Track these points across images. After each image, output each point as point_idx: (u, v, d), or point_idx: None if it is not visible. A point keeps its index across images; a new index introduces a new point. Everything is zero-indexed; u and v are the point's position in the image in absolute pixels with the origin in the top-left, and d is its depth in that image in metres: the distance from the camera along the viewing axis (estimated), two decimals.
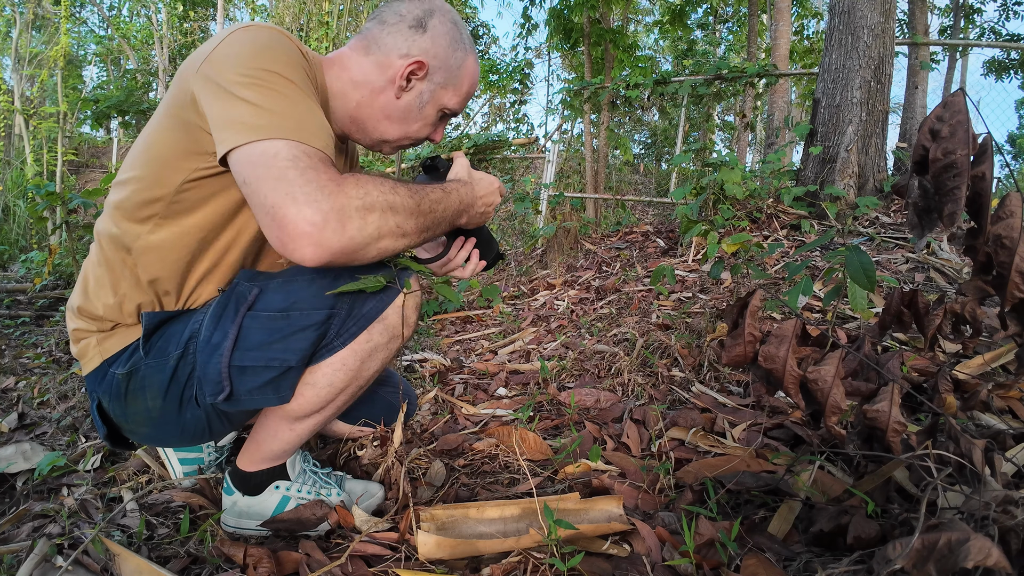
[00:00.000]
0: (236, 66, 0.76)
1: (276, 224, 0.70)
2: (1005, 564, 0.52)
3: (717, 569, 0.80)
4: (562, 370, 1.82)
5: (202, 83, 0.77)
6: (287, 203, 0.69)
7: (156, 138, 0.83)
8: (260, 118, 0.73)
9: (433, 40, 0.93)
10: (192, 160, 0.81)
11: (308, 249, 0.70)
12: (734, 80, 4.47)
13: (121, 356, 0.90)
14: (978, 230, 0.73)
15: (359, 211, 0.73)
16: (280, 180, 0.70)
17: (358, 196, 0.74)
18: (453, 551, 0.87)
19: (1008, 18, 11.11)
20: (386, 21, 0.94)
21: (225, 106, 0.74)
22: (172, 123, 0.81)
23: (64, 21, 7.00)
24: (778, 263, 2.57)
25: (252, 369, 0.85)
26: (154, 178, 0.83)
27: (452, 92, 0.98)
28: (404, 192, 0.80)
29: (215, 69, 0.76)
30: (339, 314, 0.87)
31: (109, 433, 0.97)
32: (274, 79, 0.76)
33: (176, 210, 0.85)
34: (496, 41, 20.11)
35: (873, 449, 0.81)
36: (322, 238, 0.70)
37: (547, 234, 4.05)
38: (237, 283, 0.89)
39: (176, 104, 0.81)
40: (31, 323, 3.28)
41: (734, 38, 12.70)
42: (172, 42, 13.18)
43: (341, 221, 0.71)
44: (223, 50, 0.78)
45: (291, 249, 0.71)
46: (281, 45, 0.81)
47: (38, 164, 7.77)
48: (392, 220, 0.77)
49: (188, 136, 0.80)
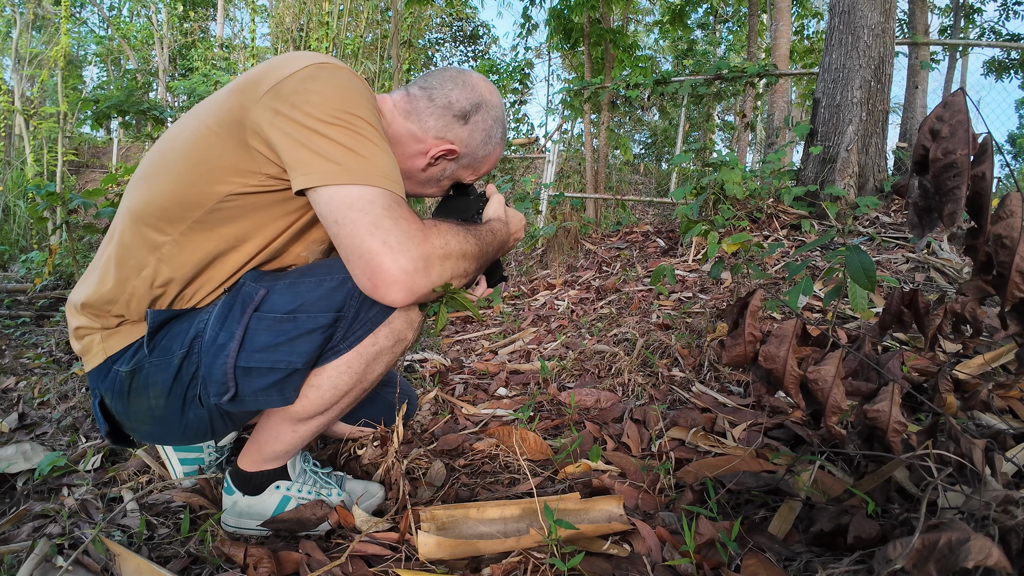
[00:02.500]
0: (321, 105, 0.79)
1: (370, 268, 0.77)
2: (1005, 564, 0.52)
3: (717, 569, 0.80)
4: (562, 370, 1.82)
5: (272, 115, 0.79)
6: (383, 250, 0.76)
7: (200, 148, 0.84)
8: (353, 162, 0.77)
9: (471, 133, 1.00)
10: (244, 177, 0.84)
11: (399, 294, 0.78)
12: (734, 80, 4.47)
13: (125, 353, 0.90)
14: (978, 230, 0.73)
15: (440, 259, 0.81)
16: (377, 227, 0.76)
17: (440, 246, 0.82)
18: (453, 551, 0.87)
19: (1008, 18, 11.12)
20: (435, 100, 0.97)
21: (310, 142, 0.77)
22: (224, 139, 0.83)
23: (64, 21, 7.00)
24: (778, 263, 2.57)
25: (257, 370, 0.85)
26: (194, 186, 0.84)
27: (471, 172, 1.07)
28: (472, 239, 0.88)
29: (291, 103, 0.79)
30: (346, 317, 0.87)
31: (110, 430, 0.97)
32: (361, 124, 0.80)
33: (215, 218, 0.86)
34: (496, 41, 20.11)
35: (873, 449, 0.81)
36: (412, 284, 0.78)
37: (547, 234, 4.05)
38: (243, 283, 0.89)
39: (232, 122, 0.82)
40: (31, 323, 3.29)
41: (734, 38, 12.70)
42: (172, 42, 13.18)
43: (427, 269, 0.79)
44: (299, 85, 0.80)
45: (382, 292, 0.78)
46: (361, 88, 0.85)
47: (38, 164, 7.77)
48: (461, 265, 0.86)
49: (245, 156, 0.82)
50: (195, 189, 0.84)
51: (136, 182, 0.91)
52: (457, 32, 15.72)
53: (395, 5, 7.39)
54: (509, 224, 1.02)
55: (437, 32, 15.31)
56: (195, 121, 0.86)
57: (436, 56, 15.67)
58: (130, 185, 0.93)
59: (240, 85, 0.84)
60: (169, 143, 0.89)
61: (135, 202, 0.88)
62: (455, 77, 0.99)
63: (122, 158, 9.81)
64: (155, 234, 0.86)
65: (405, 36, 10.03)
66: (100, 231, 2.68)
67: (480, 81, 1.00)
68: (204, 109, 0.87)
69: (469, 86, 0.98)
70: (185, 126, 0.88)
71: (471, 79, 0.99)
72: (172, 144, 0.88)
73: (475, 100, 0.98)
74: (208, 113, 0.85)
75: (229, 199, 0.85)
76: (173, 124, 0.93)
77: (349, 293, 0.86)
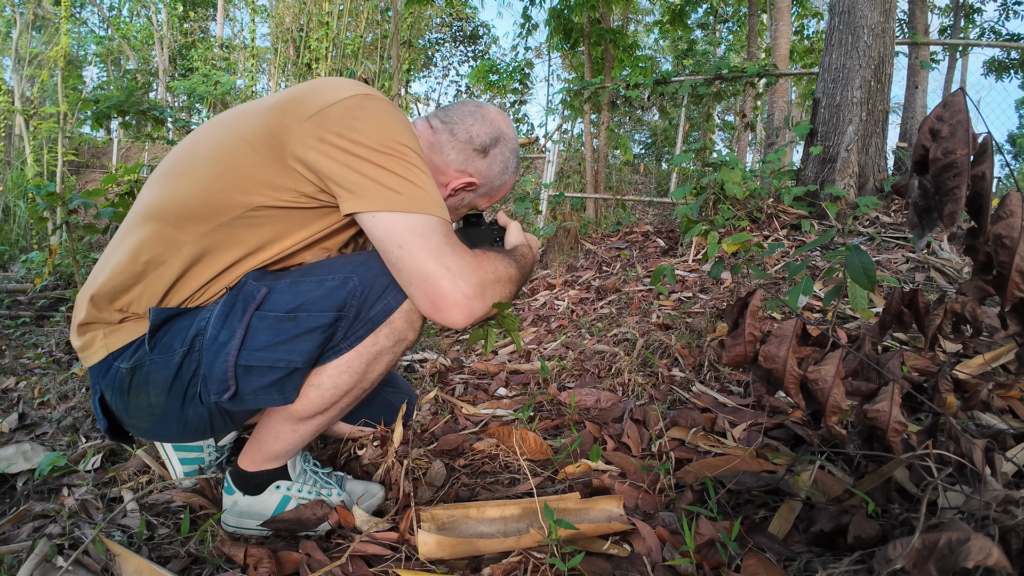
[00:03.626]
0: (372, 134, 0.83)
1: (433, 291, 0.82)
2: (1005, 564, 0.52)
3: (717, 569, 0.80)
4: (562, 370, 1.82)
5: (317, 140, 0.83)
6: (446, 275, 0.82)
7: (234, 156, 0.86)
8: (411, 190, 0.83)
9: (489, 165, 1.06)
10: (277, 191, 0.87)
11: (459, 316, 0.84)
12: (734, 80, 4.47)
13: (126, 350, 0.90)
14: (978, 230, 0.73)
15: (492, 284, 0.88)
16: (439, 253, 0.82)
17: (491, 272, 0.88)
18: (453, 551, 0.87)
19: (1008, 18, 11.12)
20: (456, 135, 1.03)
21: (364, 169, 0.82)
22: (261, 152, 0.86)
23: (64, 21, 7.00)
24: (778, 263, 2.57)
25: (258, 369, 0.86)
26: (221, 192, 0.86)
27: (487, 200, 1.13)
28: (513, 264, 0.95)
29: (338, 130, 0.83)
30: (347, 316, 0.88)
31: (110, 426, 0.98)
32: (411, 154, 0.85)
33: (240, 224, 0.88)
34: (496, 41, 20.11)
35: (873, 449, 0.81)
36: (471, 308, 0.84)
37: (547, 234, 4.06)
38: (245, 282, 0.89)
39: (271, 138, 0.85)
40: (31, 323, 3.29)
41: (734, 38, 12.70)
42: (172, 42, 13.19)
43: (483, 294, 0.85)
44: (346, 113, 0.84)
45: (444, 315, 0.84)
46: (405, 119, 0.90)
47: (38, 164, 7.77)
48: (507, 288, 0.92)
49: (281, 173, 0.85)
50: (222, 195, 0.86)
51: (158, 178, 0.92)
52: (457, 32, 15.73)
53: (395, 5, 7.40)
54: (532, 248, 1.08)
55: (437, 32, 15.32)
56: (227, 130, 0.89)
57: (436, 56, 15.68)
58: (151, 181, 0.94)
59: (282, 104, 0.87)
60: (198, 147, 0.91)
61: (157, 198, 0.90)
62: (474, 112, 1.05)
63: (122, 158, 9.80)
64: (175, 232, 0.87)
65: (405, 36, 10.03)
66: (100, 231, 2.68)
67: (497, 115, 1.07)
68: (239, 119, 0.90)
69: (488, 121, 1.05)
70: (216, 132, 0.90)
71: (489, 114, 1.06)
72: (201, 148, 0.90)
73: (494, 134, 1.05)
74: (244, 124, 0.88)
75: (258, 210, 0.87)
76: (200, 128, 0.95)
77: (350, 293, 0.87)
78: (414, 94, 12.12)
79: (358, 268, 0.88)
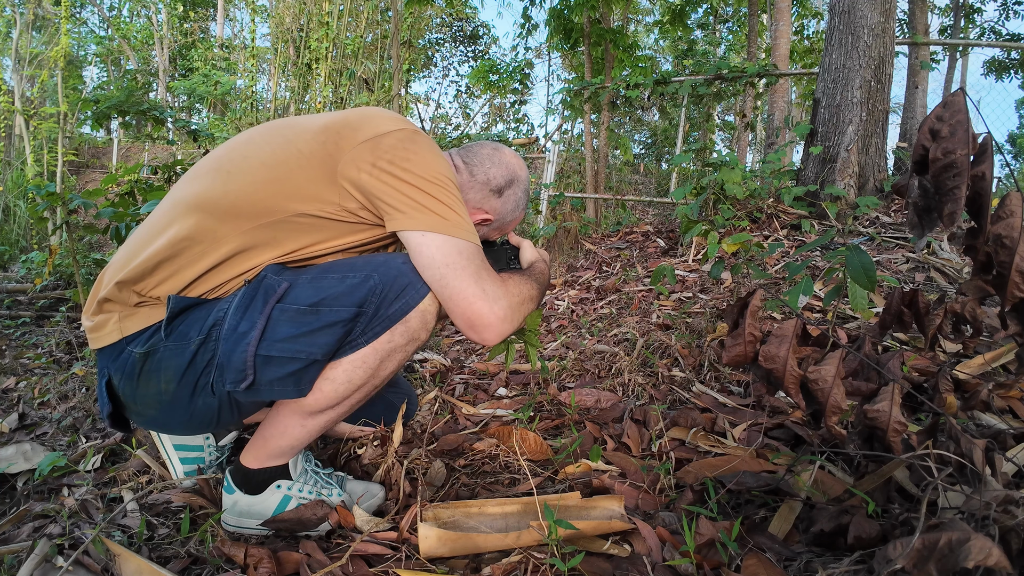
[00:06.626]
0: (423, 166, 0.92)
1: (472, 311, 0.90)
2: (1005, 564, 0.52)
3: (717, 569, 0.80)
4: (562, 370, 1.82)
5: (370, 165, 0.91)
6: (483, 297, 0.90)
7: (288, 166, 0.92)
8: (455, 218, 0.91)
9: (503, 203, 1.16)
10: (323, 204, 0.93)
11: (492, 335, 0.92)
12: (734, 80, 4.46)
13: (141, 336, 0.91)
14: (978, 230, 0.73)
15: (519, 305, 0.96)
16: (479, 277, 0.91)
17: (518, 294, 0.97)
18: (454, 546, 0.87)
19: (1008, 18, 11.12)
20: (476, 176, 1.13)
21: (414, 195, 0.90)
22: (314, 166, 0.92)
23: (64, 21, 6.99)
24: (778, 263, 2.57)
25: (278, 360, 0.87)
26: (271, 196, 0.92)
27: (497, 232, 1.22)
28: (534, 284, 1.04)
29: (390, 158, 0.91)
30: (366, 313, 0.90)
31: (112, 412, 0.98)
32: (453, 188, 0.94)
33: (281, 227, 0.93)
34: (496, 41, 20.10)
35: (873, 449, 0.81)
36: (503, 328, 0.92)
37: (547, 234, 4.06)
38: (265, 275, 0.92)
39: (325, 156, 0.92)
40: (31, 323, 3.29)
41: (734, 38, 12.69)
42: (172, 42, 13.19)
43: (513, 314, 0.94)
44: (399, 144, 0.92)
45: (478, 332, 0.92)
46: (446, 157, 1.02)
47: (38, 164, 7.76)
48: (531, 307, 1.01)
49: (330, 188, 0.92)
50: (272, 199, 0.91)
51: (207, 172, 0.95)
52: (457, 32, 15.72)
53: (395, 5, 7.39)
54: (545, 265, 1.16)
55: (437, 32, 15.31)
56: (283, 139, 0.95)
57: (436, 56, 15.68)
58: (199, 174, 0.97)
59: (335, 126, 0.94)
60: (252, 148, 0.96)
61: (207, 191, 0.93)
62: (491, 155, 1.14)
63: (122, 158, 9.80)
64: (219, 225, 0.91)
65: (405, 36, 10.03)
66: (100, 231, 2.68)
67: (512, 158, 1.16)
68: (297, 133, 0.95)
69: (504, 164, 1.14)
70: (273, 140, 0.96)
71: (505, 157, 1.15)
72: (257, 152, 0.95)
73: (509, 177, 1.14)
74: (299, 138, 0.94)
75: (301, 216, 0.93)
76: (254, 131, 1.00)
77: (371, 290, 0.89)
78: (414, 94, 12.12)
79: (379, 268, 0.91)
